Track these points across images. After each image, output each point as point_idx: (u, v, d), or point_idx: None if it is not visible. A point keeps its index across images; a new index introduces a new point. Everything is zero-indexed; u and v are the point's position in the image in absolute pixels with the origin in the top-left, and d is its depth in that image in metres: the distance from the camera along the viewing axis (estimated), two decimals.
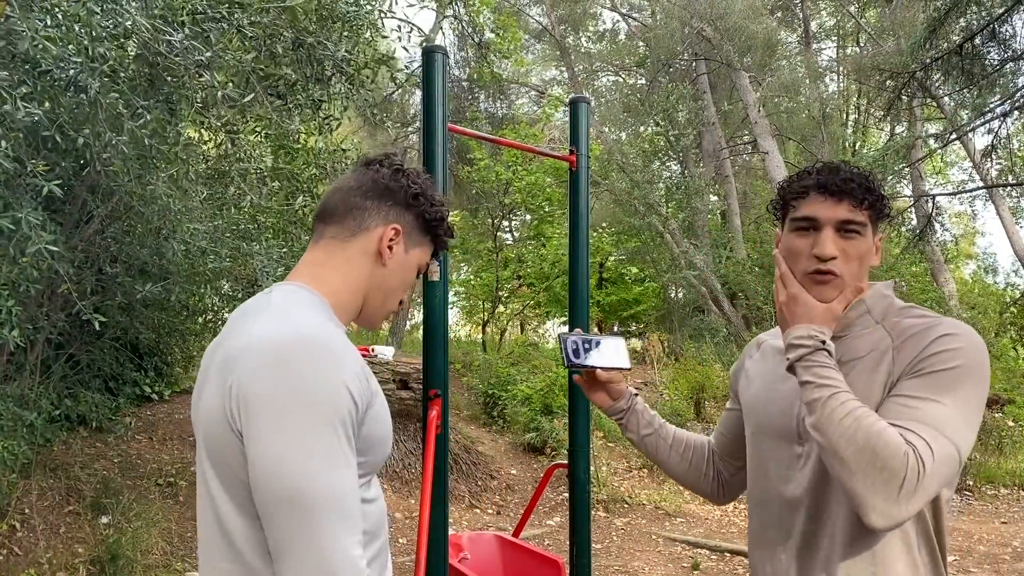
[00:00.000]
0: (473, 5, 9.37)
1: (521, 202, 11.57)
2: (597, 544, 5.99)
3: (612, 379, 1.59)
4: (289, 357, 1.00)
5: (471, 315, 16.49)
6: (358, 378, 1.05)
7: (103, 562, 4.23)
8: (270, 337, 1.02)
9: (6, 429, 3.73)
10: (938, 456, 1.17)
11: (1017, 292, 16.17)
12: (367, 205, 1.22)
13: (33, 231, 2.56)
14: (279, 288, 1.16)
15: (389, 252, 1.22)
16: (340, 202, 1.22)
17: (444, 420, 2.69)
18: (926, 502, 1.18)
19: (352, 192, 1.23)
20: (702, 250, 14.91)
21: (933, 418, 1.20)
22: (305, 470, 0.96)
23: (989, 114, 8.23)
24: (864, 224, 1.32)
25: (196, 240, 4.18)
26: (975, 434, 1.23)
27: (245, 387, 1.00)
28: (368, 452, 1.10)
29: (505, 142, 3.23)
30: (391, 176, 1.23)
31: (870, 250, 1.35)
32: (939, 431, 1.19)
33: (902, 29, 13.64)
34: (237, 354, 1.03)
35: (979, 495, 8.22)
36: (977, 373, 1.23)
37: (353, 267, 1.21)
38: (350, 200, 1.22)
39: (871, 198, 1.32)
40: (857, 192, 1.31)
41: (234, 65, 3.05)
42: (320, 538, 0.95)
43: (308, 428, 0.97)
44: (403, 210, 1.24)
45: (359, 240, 1.21)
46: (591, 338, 1.58)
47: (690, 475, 1.65)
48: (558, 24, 18.79)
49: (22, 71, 2.61)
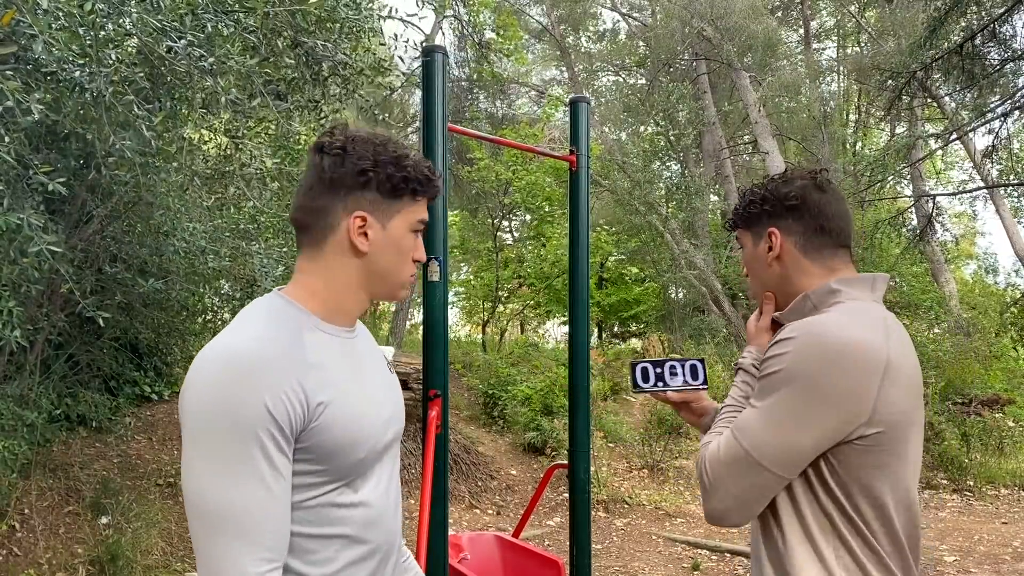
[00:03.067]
0: (473, 5, 9.37)
1: (521, 202, 11.57)
2: (597, 544, 5.99)
3: (688, 399, 1.63)
4: (205, 374, 1.02)
5: (471, 315, 16.49)
6: (284, 392, 1.02)
7: (103, 562, 4.23)
8: (202, 353, 1.05)
9: (6, 429, 3.73)
10: (724, 457, 1.26)
11: (1018, 292, 16.16)
12: (322, 205, 1.16)
13: (35, 232, 2.56)
14: (257, 296, 1.20)
15: (364, 240, 1.17)
16: (300, 209, 1.18)
17: (444, 420, 2.69)
18: (735, 500, 1.25)
19: (306, 196, 1.17)
20: (702, 250, 14.91)
21: (740, 421, 1.29)
22: (202, 485, 0.99)
23: (989, 114, 8.22)
24: (742, 238, 1.51)
25: (196, 239, 4.19)
26: (784, 438, 1.22)
27: (181, 404, 1.05)
28: (328, 460, 1.09)
29: (505, 142, 3.23)
30: (332, 164, 1.15)
31: (755, 256, 1.47)
32: (736, 433, 1.27)
33: (902, 29, 13.64)
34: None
35: (979, 495, 8.22)
36: (797, 379, 1.21)
37: (334, 268, 1.18)
38: (307, 205, 1.17)
39: (733, 219, 1.51)
40: (730, 223, 1.54)
41: (237, 69, 3.05)
42: (214, 551, 0.98)
43: (214, 444, 0.99)
44: (359, 193, 1.15)
45: (329, 241, 1.17)
46: (663, 361, 1.66)
47: None
48: (558, 24, 18.78)
49: (35, 77, 2.61)
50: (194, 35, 2.88)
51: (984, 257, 25.39)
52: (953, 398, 10.64)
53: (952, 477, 8.47)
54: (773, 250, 1.40)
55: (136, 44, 2.82)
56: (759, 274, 1.46)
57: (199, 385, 1.02)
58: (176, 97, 3.45)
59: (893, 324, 1.33)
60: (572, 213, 3.19)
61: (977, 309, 15.51)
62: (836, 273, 1.40)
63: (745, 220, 1.47)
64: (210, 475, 0.98)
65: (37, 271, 2.83)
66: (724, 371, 11.63)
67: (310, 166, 1.17)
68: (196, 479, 0.99)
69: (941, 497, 8.18)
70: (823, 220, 1.39)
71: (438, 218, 2.72)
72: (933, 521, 7.28)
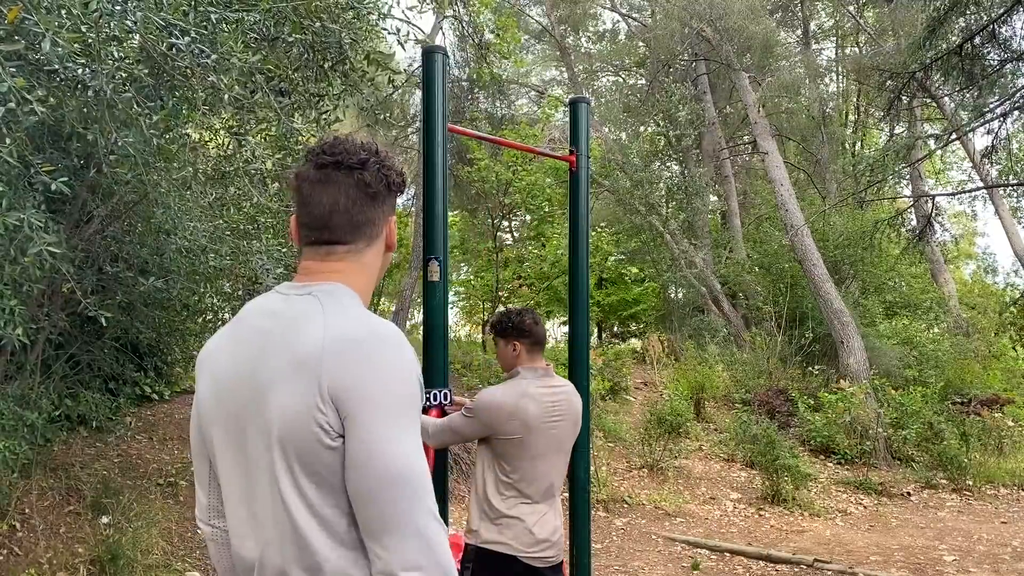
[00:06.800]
0: (473, 6, 9.37)
1: (521, 202, 11.56)
2: (597, 544, 5.99)
3: None
4: (376, 352, 1.11)
5: (471, 315, 16.50)
6: (417, 364, 1.18)
7: (103, 562, 4.23)
8: (350, 335, 1.12)
9: (7, 429, 3.73)
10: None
11: (1017, 292, 16.17)
12: (370, 217, 1.25)
13: (35, 232, 2.56)
14: (319, 288, 1.21)
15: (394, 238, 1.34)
16: (347, 226, 1.24)
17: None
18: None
19: (349, 212, 1.23)
20: (702, 250, 14.92)
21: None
22: (406, 452, 1.08)
23: (988, 114, 8.23)
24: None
25: (197, 238, 4.19)
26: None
27: (339, 383, 1.08)
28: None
29: (505, 142, 3.24)
30: (376, 178, 1.24)
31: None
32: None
33: (902, 29, 13.65)
34: (321, 350, 1.11)
35: (979, 495, 8.22)
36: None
37: (371, 268, 1.30)
38: (354, 221, 1.24)
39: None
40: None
41: (240, 66, 3.05)
42: (417, 512, 1.07)
43: (403, 415, 1.10)
44: (390, 198, 1.30)
45: (374, 247, 1.29)
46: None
47: None
48: (558, 24, 18.79)
49: (36, 75, 2.61)
50: (198, 32, 2.89)
51: (983, 257, 25.44)
52: (952, 398, 10.65)
53: (951, 477, 8.47)
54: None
55: (138, 41, 2.82)
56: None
57: (377, 364, 1.10)
58: (177, 95, 3.45)
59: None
60: (572, 213, 3.20)
61: (976, 309, 15.53)
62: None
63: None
64: (410, 443, 1.09)
65: (39, 270, 2.83)
66: (724, 371, 11.64)
67: (341, 184, 1.22)
68: (400, 447, 1.08)
69: (940, 497, 8.18)
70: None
71: (438, 218, 2.73)
72: (932, 521, 7.29)
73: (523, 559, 2.47)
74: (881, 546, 6.34)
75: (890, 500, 8.02)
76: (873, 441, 9.04)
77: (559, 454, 2.61)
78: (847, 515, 7.48)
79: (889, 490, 8.25)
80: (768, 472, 7.70)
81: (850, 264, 13.49)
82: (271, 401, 1.13)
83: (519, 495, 2.50)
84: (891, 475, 8.71)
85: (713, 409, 10.69)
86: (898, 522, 7.23)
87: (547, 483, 2.56)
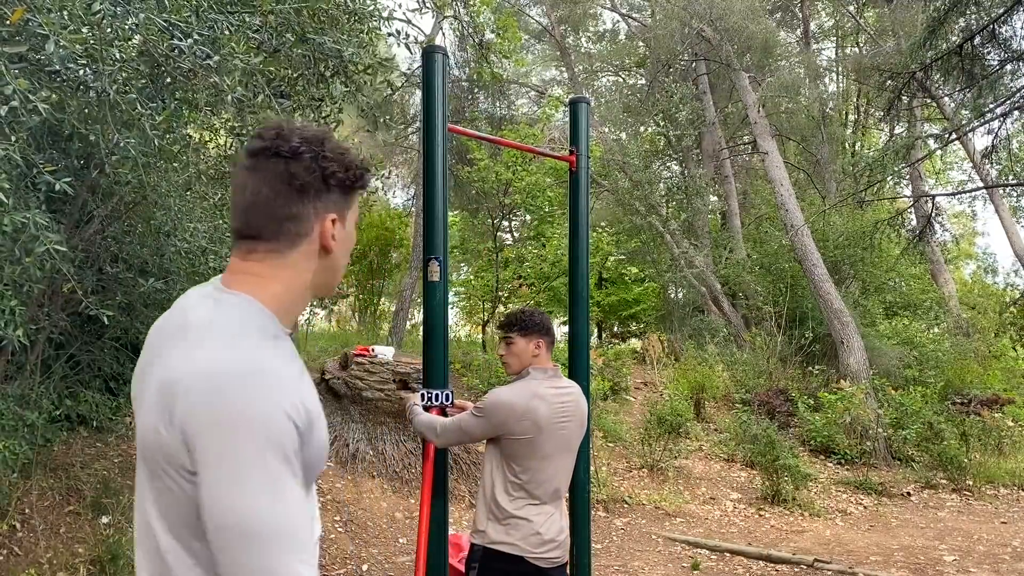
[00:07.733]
0: (473, 6, 9.37)
1: (521, 202, 11.56)
2: (597, 544, 5.99)
3: None
4: (230, 387, 0.97)
5: (471, 315, 16.48)
6: (296, 404, 1.01)
7: (103, 562, 4.24)
8: (213, 366, 0.99)
9: (7, 429, 3.73)
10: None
11: (1017, 292, 16.18)
12: (294, 213, 1.10)
13: (40, 232, 2.57)
14: (225, 300, 1.10)
15: (334, 241, 1.14)
16: (263, 218, 1.10)
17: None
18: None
19: (270, 205, 1.10)
20: (702, 250, 14.92)
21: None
22: (255, 503, 0.95)
23: (989, 114, 8.23)
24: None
25: (197, 239, 4.20)
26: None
27: (189, 417, 0.97)
28: (302, 474, 1.07)
29: (505, 142, 3.24)
30: (305, 168, 1.09)
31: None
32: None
33: (902, 29, 13.66)
34: (181, 379, 1.00)
35: (979, 495, 8.23)
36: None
37: (297, 272, 1.14)
38: (273, 214, 1.10)
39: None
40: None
41: (242, 67, 3.05)
42: (274, 569, 0.95)
43: (254, 459, 0.95)
44: (328, 194, 1.12)
45: (300, 246, 1.12)
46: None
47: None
48: (558, 24, 18.79)
49: (38, 77, 2.62)
50: (200, 33, 2.89)
51: (983, 257, 25.45)
52: (952, 398, 10.65)
53: (951, 477, 8.47)
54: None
55: (140, 42, 2.82)
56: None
57: (229, 400, 0.97)
58: (179, 96, 3.46)
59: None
60: (572, 213, 3.20)
61: (976, 309, 15.52)
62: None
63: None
64: (261, 492, 0.96)
65: (40, 270, 2.84)
66: (724, 371, 11.64)
67: (267, 172, 1.09)
68: (247, 497, 0.95)
69: (940, 497, 8.19)
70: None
71: (438, 218, 2.73)
72: (932, 521, 7.29)
73: (530, 559, 2.49)
74: (881, 546, 6.35)
75: (890, 500, 8.03)
76: (873, 441, 9.04)
77: (567, 455, 2.63)
78: (847, 515, 7.49)
79: (889, 490, 8.26)
80: (768, 472, 7.71)
81: (850, 264, 13.50)
82: (140, 413, 1.06)
83: (527, 496, 2.52)
84: (891, 475, 8.71)
85: (713, 409, 10.69)
86: (898, 522, 7.24)
87: (555, 484, 2.59)
